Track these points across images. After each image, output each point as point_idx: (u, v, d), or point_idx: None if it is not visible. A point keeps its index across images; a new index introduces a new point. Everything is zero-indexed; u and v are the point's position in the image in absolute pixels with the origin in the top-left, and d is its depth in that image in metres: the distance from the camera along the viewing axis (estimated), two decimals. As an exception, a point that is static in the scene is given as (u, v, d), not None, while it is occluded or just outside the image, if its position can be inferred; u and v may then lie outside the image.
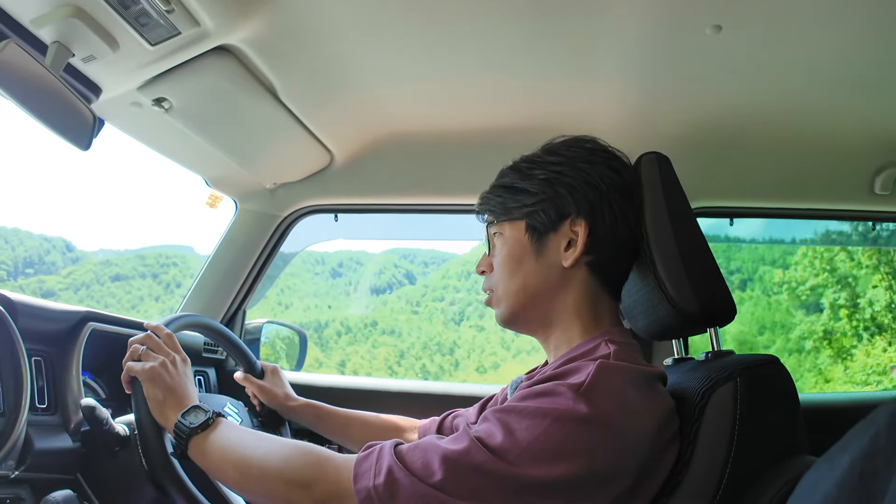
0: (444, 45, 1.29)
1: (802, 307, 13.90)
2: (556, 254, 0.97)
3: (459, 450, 0.78)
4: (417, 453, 0.81)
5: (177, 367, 1.08)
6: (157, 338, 1.11)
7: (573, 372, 0.83)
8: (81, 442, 1.13)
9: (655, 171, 1.01)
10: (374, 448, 0.84)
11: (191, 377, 1.11)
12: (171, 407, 1.02)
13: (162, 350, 1.09)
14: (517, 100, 1.51)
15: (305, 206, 1.87)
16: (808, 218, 1.78)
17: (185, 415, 0.99)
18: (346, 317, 20.25)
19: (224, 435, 0.97)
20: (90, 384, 1.36)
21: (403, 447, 0.83)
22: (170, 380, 1.05)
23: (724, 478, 0.81)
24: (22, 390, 1.02)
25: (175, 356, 1.10)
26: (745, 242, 3.17)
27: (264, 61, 1.28)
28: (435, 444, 0.81)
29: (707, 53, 1.27)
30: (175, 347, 1.12)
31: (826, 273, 13.40)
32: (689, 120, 1.53)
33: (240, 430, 0.99)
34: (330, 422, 1.42)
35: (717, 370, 0.88)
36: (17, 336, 1.04)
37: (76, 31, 1.02)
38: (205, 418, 0.98)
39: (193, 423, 0.98)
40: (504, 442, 0.78)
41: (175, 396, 1.04)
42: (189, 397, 1.05)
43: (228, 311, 1.90)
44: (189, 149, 1.58)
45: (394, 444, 0.84)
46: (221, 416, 1.01)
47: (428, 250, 14.64)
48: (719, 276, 0.99)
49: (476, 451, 0.78)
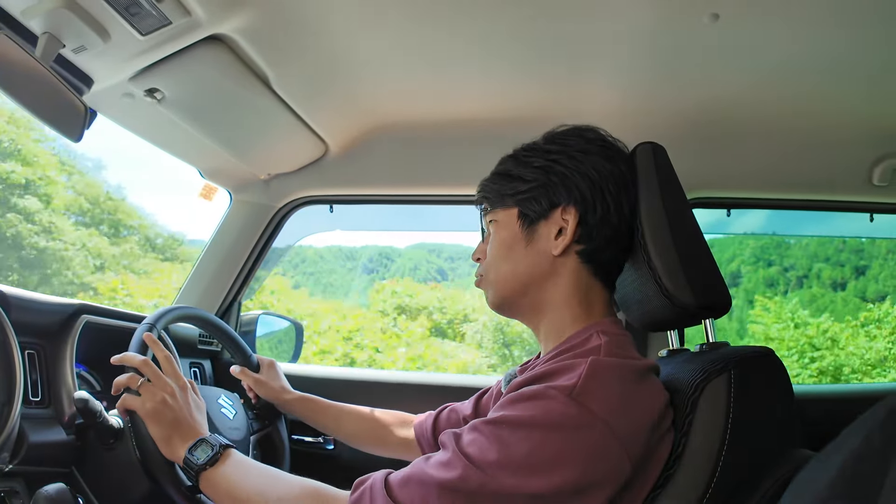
0: (439, 35, 1.28)
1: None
2: (547, 242, 0.97)
3: (454, 478, 0.77)
4: (412, 489, 0.79)
5: (177, 398, 1.07)
6: (152, 362, 1.10)
7: (564, 371, 0.82)
8: (76, 435, 1.13)
9: (650, 161, 1.01)
10: (364, 487, 0.83)
11: (193, 401, 1.11)
12: (177, 443, 1.03)
13: (160, 381, 1.08)
14: (512, 89, 1.50)
15: (300, 197, 1.86)
16: (805, 209, 1.77)
17: (191, 450, 1.00)
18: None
19: (230, 471, 0.98)
20: (84, 376, 1.36)
21: (394, 482, 0.81)
22: (172, 415, 1.05)
23: (717, 471, 0.81)
24: (15, 384, 1.01)
25: (174, 387, 1.09)
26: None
27: (257, 51, 1.27)
28: (428, 474, 0.79)
29: (704, 42, 1.26)
30: (174, 374, 1.11)
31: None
32: (686, 109, 1.53)
33: (246, 466, 1.00)
34: (323, 415, 1.42)
35: (711, 362, 0.87)
36: (10, 329, 1.03)
37: (66, 22, 1.01)
38: (212, 453, 0.99)
39: (201, 459, 0.99)
40: (500, 458, 0.77)
41: (180, 432, 1.04)
42: (194, 429, 1.05)
43: (224, 303, 1.89)
44: (183, 140, 1.57)
45: (383, 479, 0.82)
46: (229, 447, 1.01)
47: (453, 245, 14.43)
48: (715, 267, 0.99)
49: (471, 474, 0.77)
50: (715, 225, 2.46)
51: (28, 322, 1.13)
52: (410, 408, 1.45)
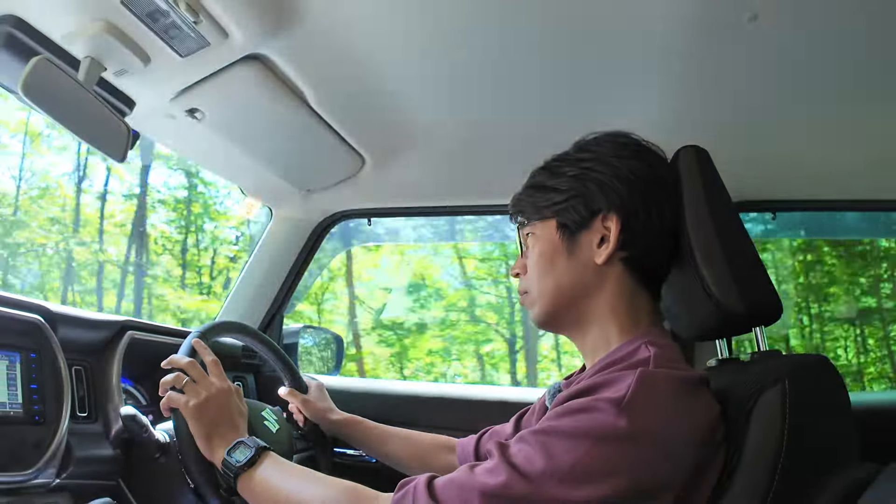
0: (475, 46, 1.27)
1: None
2: (589, 251, 0.95)
3: (498, 484, 0.75)
4: (454, 491, 0.78)
5: (219, 399, 1.08)
6: (199, 364, 1.11)
7: (612, 383, 0.80)
8: (122, 449, 1.15)
9: (694, 165, 0.98)
10: (408, 486, 0.82)
11: (235, 405, 1.11)
12: (217, 443, 1.04)
13: (205, 382, 1.09)
14: (549, 99, 1.48)
15: (339, 211, 1.87)
16: (855, 210, 1.70)
17: (230, 452, 1.01)
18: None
19: (269, 472, 0.98)
20: (131, 391, 1.38)
21: (438, 484, 0.80)
22: (213, 414, 1.06)
23: (773, 486, 0.77)
24: (63, 400, 1.04)
25: (218, 388, 1.09)
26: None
27: (294, 69, 1.28)
28: (471, 478, 0.78)
29: (745, 44, 1.23)
30: (220, 376, 1.12)
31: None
32: (728, 112, 1.47)
33: (285, 468, 0.99)
34: (369, 437, 1.42)
35: (764, 372, 0.84)
36: (58, 346, 1.06)
37: (107, 46, 1.04)
38: (250, 455, 0.99)
39: (240, 460, 0.99)
40: (545, 467, 0.75)
41: (220, 431, 1.05)
42: (234, 430, 1.06)
43: (266, 317, 1.92)
44: (224, 158, 1.60)
45: (427, 481, 0.81)
46: (267, 450, 1.01)
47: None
48: (764, 272, 0.95)
49: (515, 482, 0.75)
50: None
51: (75, 339, 1.16)
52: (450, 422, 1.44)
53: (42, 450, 0.99)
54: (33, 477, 0.97)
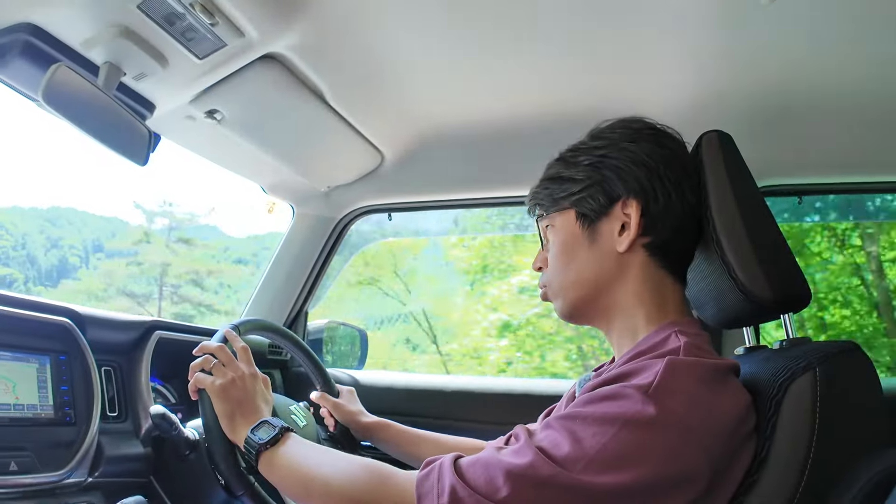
0: (491, 36, 1.26)
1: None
2: (611, 239, 0.93)
3: (524, 464, 0.75)
4: (479, 469, 0.77)
5: (245, 381, 1.09)
6: (229, 350, 1.12)
7: (640, 371, 0.79)
8: (152, 447, 1.17)
9: (717, 150, 0.95)
10: (433, 465, 0.82)
11: (261, 391, 1.12)
12: (240, 423, 1.04)
13: (232, 365, 1.10)
14: (567, 87, 1.46)
15: (360, 207, 1.88)
16: (883, 192, 1.64)
17: (254, 430, 1.01)
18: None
19: (292, 451, 0.98)
20: (160, 390, 1.41)
21: (464, 462, 0.80)
22: (238, 394, 1.07)
23: (805, 475, 0.76)
24: (93, 400, 1.06)
25: (245, 371, 1.10)
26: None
27: (310, 66, 1.29)
28: (497, 457, 0.78)
29: (766, 23, 1.19)
30: (248, 361, 1.13)
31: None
32: (750, 95, 1.44)
33: (307, 447, 0.99)
34: (399, 440, 1.43)
35: (794, 359, 0.82)
36: (87, 348, 1.08)
37: (126, 51, 1.05)
38: (273, 433, 0.99)
39: (263, 438, 0.99)
40: (571, 451, 0.74)
41: (243, 411, 1.05)
42: (258, 412, 1.06)
43: (291, 313, 1.94)
44: (244, 158, 1.62)
45: (453, 459, 0.81)
46: (290, 431, 1.02)
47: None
48: (792, 258, 0.92)
49: (541, 463, 0.74)
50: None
51: (104, 340, 1.19)
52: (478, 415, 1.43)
53: (74, 450, 1.02)
54: (66, 476, 0.99)
